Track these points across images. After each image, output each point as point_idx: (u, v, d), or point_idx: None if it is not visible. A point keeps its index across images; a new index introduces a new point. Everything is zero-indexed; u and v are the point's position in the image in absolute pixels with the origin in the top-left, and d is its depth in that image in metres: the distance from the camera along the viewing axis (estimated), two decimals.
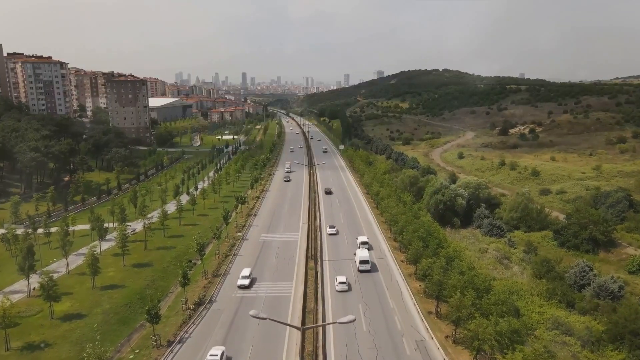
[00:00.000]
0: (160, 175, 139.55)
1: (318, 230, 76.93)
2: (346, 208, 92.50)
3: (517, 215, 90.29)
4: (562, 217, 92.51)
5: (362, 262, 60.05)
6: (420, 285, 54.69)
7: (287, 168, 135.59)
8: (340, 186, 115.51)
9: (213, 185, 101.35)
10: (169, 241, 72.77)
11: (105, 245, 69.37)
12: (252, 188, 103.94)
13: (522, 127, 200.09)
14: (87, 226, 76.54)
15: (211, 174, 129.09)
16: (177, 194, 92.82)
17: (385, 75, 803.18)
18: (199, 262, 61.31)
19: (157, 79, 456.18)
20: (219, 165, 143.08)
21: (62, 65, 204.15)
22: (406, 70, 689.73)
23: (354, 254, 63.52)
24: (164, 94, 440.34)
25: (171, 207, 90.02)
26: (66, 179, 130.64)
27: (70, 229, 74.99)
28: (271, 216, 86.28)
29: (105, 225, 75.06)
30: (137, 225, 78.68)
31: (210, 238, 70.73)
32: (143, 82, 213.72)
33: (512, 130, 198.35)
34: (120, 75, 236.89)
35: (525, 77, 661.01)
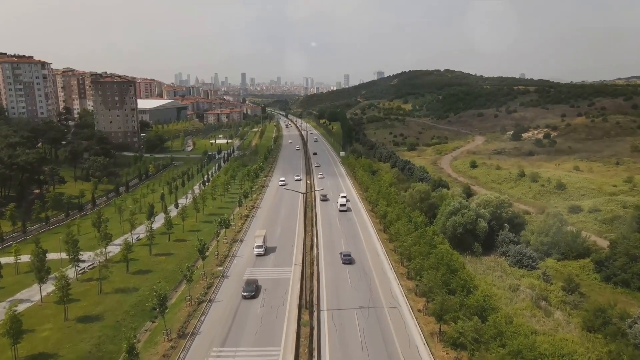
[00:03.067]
0: (142, 186, 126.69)
1: (315, 263, 63.88)
2: (348, 231, 79.34)
3: (548, 240, 77.13)
4: (600, 241, 79.46)
5: (342, 204, 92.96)
6: (447, 354, 41.59)
7: (259, 246, 66.49)
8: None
9: (195, 203, 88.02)
10: (133, 280, 59.54)
11: (51, 287, 56.09)
12: (240, 205, 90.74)
13: (536, 132, 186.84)
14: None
15: (196, 187, 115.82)
16: (151, 214, 79.58)
17: (385, 76, 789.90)
18: (167, 310, 48.16)
19: (153, 80, 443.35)
20: (206, 176, 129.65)
21: (43, 65, 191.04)
22: (407, 70, 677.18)
23: (337, 202, 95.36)
24: (160, 95, 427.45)
25: (144, 230, 76.65)
26: (36, 191, 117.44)
27: (15, 261, 62.35)
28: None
29: (61, 256, 62.44)
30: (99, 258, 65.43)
31: (179, 280, 57.30)
32: (130, 83, 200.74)
33: (525, 135, 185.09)
34: (106, 75, 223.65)
35: (526, 77, 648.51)
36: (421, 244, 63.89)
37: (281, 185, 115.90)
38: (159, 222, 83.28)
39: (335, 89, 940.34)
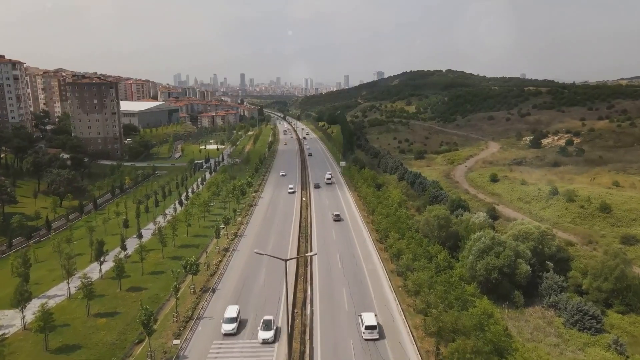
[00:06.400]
0: (112, 204, 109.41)
1: (307, 331, 46.78)
2: (351, 273, 62.19)
3: (609, 286, 60.08)
4: None
5: (328, 179, 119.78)
6: None
7: None
8: (342, 229, 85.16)
9: (161, 235, 70.78)
10: None
11: None
12: (218, 237, 73.59)
13: (556, 137, 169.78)
14: None
15: (171, 208, 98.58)
16: (100, 254, 62.28)
17: (385, 76, 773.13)
18: None
19: (147, 80, 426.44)
20: (185, 193, 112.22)
21: (14, 65, 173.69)
22: (408, 71, 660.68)
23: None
24: (155, 97, 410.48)
25: (92, 274, 59.37)
26: None
27: None
28: (237, 295, 55.92)
29: None
30: (17, 320, 48.39)
31: None
32: (111, 84, 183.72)
33: (544, 141, 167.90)
34: (87, 76, 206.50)
35: (527, 77, 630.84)
36: (452, 303, 47.28)
37: (225, 333, 46.15)
38: (112, 260, 65.81)
39: (334, 89, 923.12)
